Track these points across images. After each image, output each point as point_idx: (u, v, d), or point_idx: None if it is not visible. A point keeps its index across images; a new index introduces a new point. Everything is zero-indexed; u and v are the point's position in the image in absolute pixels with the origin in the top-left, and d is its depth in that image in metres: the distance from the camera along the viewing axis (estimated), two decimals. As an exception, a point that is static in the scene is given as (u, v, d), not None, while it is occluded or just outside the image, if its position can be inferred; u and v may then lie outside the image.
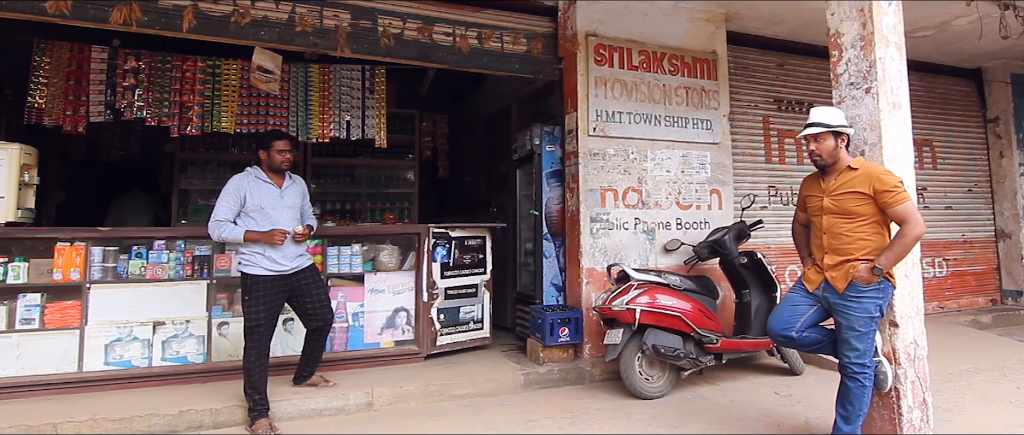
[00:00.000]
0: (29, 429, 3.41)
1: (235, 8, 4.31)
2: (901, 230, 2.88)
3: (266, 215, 3.62)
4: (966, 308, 7.24)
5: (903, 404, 3.04)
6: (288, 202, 3.74)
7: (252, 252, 3.58)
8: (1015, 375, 4.72)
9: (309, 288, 3.80)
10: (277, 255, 3.61)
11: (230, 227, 3.54)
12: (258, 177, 3.70)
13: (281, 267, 3.62)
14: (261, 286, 3.57)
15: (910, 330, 3.12)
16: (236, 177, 3.67)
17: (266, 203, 3.64)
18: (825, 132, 3.10)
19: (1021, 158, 7.60)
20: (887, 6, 3.30)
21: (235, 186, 3.61)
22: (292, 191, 3.82)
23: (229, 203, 3.57)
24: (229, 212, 3.57)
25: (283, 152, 3.70)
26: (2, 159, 3.97)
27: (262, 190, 3.66)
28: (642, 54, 5.30)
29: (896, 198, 2.87)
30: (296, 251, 3.74)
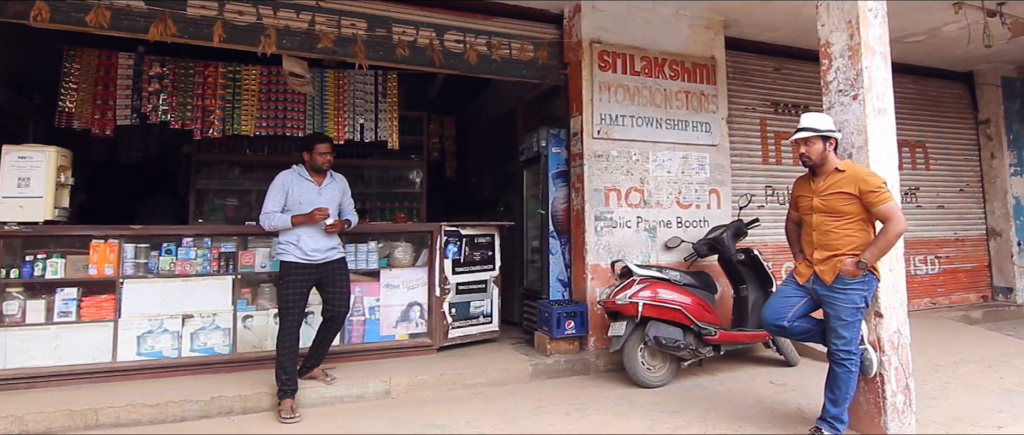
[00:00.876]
0: (72, 414, 3.65)
1: (259, 17, 4.55)
2: (884, 227, 3.11)
3: (305, 209, 3.95)
4: (958, 304, 7.47)
5: (887, 388, 3.28)
6: (325, 199, 4.06)
7: (288, 242, 3.92)
8: (999, 366, 4.95)
9: (334, 277, 4.07)
10: (310, 246, 3.93)
11: (278, 216, 3.90)
12: (301, 175, 4.05)
13: (311, 257, 3.93)
14: (292, 273, 3.89)
15: (894, 320, 3.36)
16: (281, 174, 4.03)
17: (305, 199, 3.97)
18: (814, 136, 3.34)
19: (1011, 159, 7.83)
20: (873, 18, 3.53)
21: (280, 182, 3.99)
22: (331, 188, 4.14)
23: (276, 197, 3.95)
24: (276, 205, 3.94)
25: (324, 154, 4.04)
26: (40, 161, 4.20)
27: (303, 187, 4.01)
28: (644, 60, 5.53)
29: (880, 198, 3.11)
30: (328, 243, 4.04)
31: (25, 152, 4.18)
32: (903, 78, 7.68)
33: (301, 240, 3.92)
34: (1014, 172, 7.82)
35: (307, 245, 3.92)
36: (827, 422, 3.21)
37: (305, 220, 3.90)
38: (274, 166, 7.09)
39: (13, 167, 4.13)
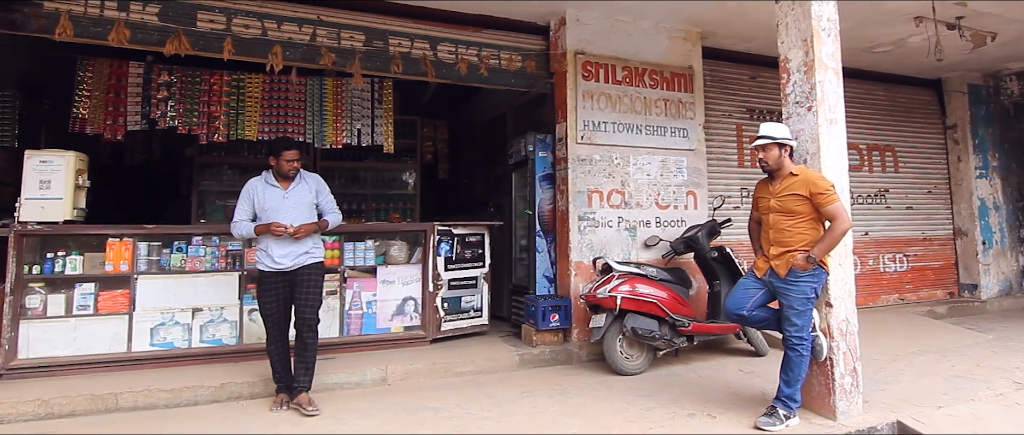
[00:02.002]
0: (93, 399, 3.97)
1: (264, 31, 4.88)
2: (831, 226, 3.48)
3: (269, 216, 3.93)
4: (925, 300, 7.88)
5: (836, 371, 3.65)
6: (292, 202, 3.99)
7: (260, 250, 3.97)
8: (954, 356, 5.33)
9: (302, 283, 3.97)
10: (278, 253, 3.90)
11: (245, 224, 3.96)
12: (267, 181, 4.04)
13: (280, 264, 3.90)
14: (265, 281, 3.93)
15: (843, 310, 3.72)
16: (249, 181, 4.07)
17: (269, 205, 3.96)
18: (771, 143, 3.70)
19: (977, 162, 8.25)
20: (826, 37, 3.90)
21: (247, 190, 4.03)
22: (299, 191, 4.06)
23: (243, 205, 4.00)
24: (244, 213, 3.99)
25: (291, 162, 3.99)
26: (60, 165, 4.52)
27: (268, 193, 4.00)
28: (625, 70, 5.89)
29: (827, 199, 3.47)
30: (299, 249, 3.96)
31: (46, 156, 4.50)
32: (874, 85, 8.10)
33: (269, 247, 3.91)
34: (979, 175, 8.23)
35: (275, 252, 3.90)
36: (782, 401, 3.57)
37: (264, 230, 3.87)
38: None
39: (35, 170, 4.45)
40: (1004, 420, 3.74)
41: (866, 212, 7.73)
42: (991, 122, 8.46)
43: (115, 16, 4.45)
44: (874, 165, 7.91)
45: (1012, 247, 8.37)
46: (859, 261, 7.51)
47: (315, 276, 4.04)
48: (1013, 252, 8.37)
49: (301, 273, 3.97)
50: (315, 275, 4.04)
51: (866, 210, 7.74)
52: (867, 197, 7.79)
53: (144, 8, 4.58)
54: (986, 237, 8.12)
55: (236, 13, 4.83)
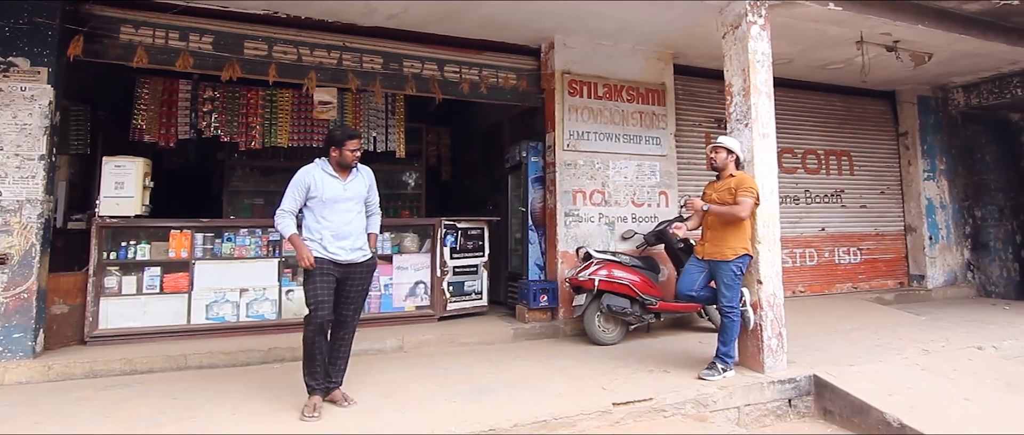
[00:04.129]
0: (167, 358, 4.89)
1: (299, 57, 5.81)
2: (734, 207, 4.41)
3: (328, 206, 3.75)
4: (876, 289, 8.82)
5: (764, 335, 4.59)
6: (350, 194, 3.84)
7: (311, 238, 3.74)
8: (883, 332, 6.26)
9: (352, 280, 3.84)
10: (334, 244, 3.73)
11: (288, 222, 3.75)
12: (324, 170, 3.82)
13: (335, 255, 3.73)
14: (317, 268, 3.69)
15: (771, 286, 4.66)
16: (303, 169, 3.81)
17: (329, 195, 3.75)
18: (722, 148, 4.65)
19: (925, 166, 9.19)
20: (760, 67, 4.84)
21: (301, 178, 3.76)
22: (357, 183, 3.91)
23: (294, 194, 3.75)
24: (293, 203, 3.76)
25: (354, 151, 3.82)
26: (131, 169, 5.44)
27: (326, 182, 3.78)
28: (606, 87, 6.82)
29: (743, 193, 4.42)
30: (355, 242, 3.83)
31: (120, 162, 5.43)
32: (833, 97, 9.05)
33: (323, 236, 3.73)
34: (927, 177, 9.18)
35: (330, 242, 3.73)
36: (720, 358, 4.51)
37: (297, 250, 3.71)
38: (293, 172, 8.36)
39: (111, 174, 5.37)
40: (900, 374, 4.69)
41: (823, 210, 8.69)
42: (940, 130, 9.41)
43: (179, 46, 5.39)
44: (831, 168, 8.86)
45: (958, 242, 9.32)
46: (816, 253, 8.48)
47: (366, 275, 3.93)
48: (958, 247, 9.32)
49: (354, 270, 3.84)
50: (366, 274, 3.93)
51: (823, 208, 8.69)
52: (824, 197, 8.74)
53: (201, 38, 5.51)
54: (933, 233, 9.07)
55: (276, 42, 5.76)
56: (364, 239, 3.94)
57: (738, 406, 4.26)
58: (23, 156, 4.67)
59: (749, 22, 4.86)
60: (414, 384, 4.43)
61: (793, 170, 8.58)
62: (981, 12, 6.08)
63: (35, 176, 4.70)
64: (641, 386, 4.30)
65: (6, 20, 4.66)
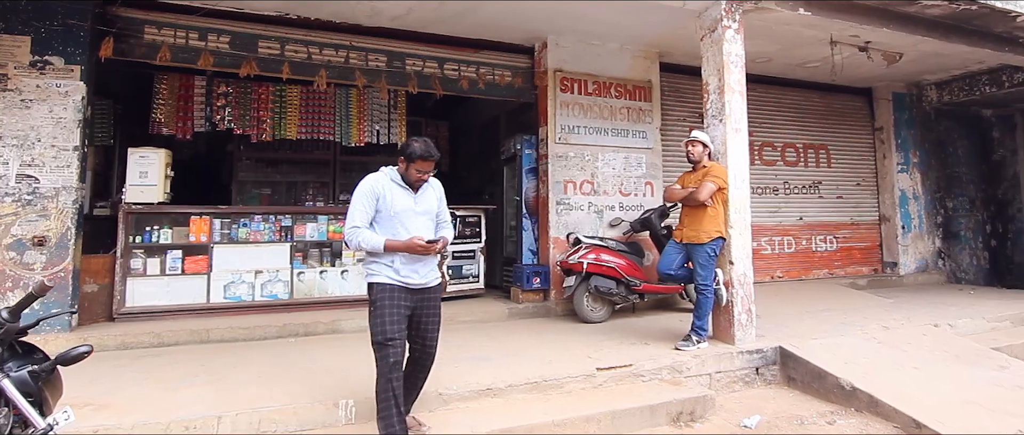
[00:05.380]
0: (191, 332, 5.34)
1: (309, 56, 6.25)
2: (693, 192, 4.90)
3: (400, 221, 3.29)
4: (851, 275, 9.33)
5: (735, 310, 5.07)
6: (422, 208, 3.40)
7: (379, 263, 3.26)
8: (851, 313, 6.75)
9: (428, 305, 3.40)
10: (406, 268, 3.27)
11: (368, 235, 3.21)
12: (393, 180, 3.36)
13: (408, 280, 3.27)
14: (386, 294, 3.22)
15: (742, 266, 5.14)
16: (370, 178, 3.35)
17: (400, 209, 3.29)
18: (696, 141, 5.12)
19: (899, 159, 9.69)
20: (734, 67, 5.30)
21: (369, 188, 3.29)
22: (428, 198, 3.46)
23: (364, 206, 3.27)
24: (364, 217, 3.26)
25: (422, 174, 3.33)
26: (154, 159, 5.87)
27: (397, 194, 3.31)
28: (595, 83, 7.28)
29: (709, 180, 4.92)
30: (428, 266, 3.39)
31: (144, 153, 5.85)
32: (812, 93, 9.52)
33: (395, 261, 3.25)
34: (900, 169, 9.69)
35: (402, 266, 3.26)
36: (695, 330, 4.99)
37: (401, 247, 3.20)
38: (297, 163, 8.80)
39: (136, 164, 5.80)
40: (858, 346, 5.19)
41: (801, 200, 9.18)
42: (914, 125, 9.91)
43: (199, 45, 5.81)
44: (809, 161, 9.34)
45: (929, 231, 9.84)
46: (794, 241, 8.97)
47: (439, 299, 3.51)
48: (930, 235, 9.84)
49: (428, 295, 3.40)
50: (439, 297, 3.52)
51: (801, 199, 9.19)
52: (802, 188, 9.23)
53: (218, 38, 5.94)
54: (905, 222, 9.58)
55: (288, 41, 6.19)
56: (435, 261, 3.46)
57: (710, 373, 4.75)
58: (59, 147, 5.09)
59: (724, 26, 5.33)
60: (418, 354, 4.90)
61: (773, 163, 9.06)
62: (942, 16, 6.54)
63: (70, 166, 5.13)
64: (623, 355, 4.78)
65: (42, 22, 5.08)
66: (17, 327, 1.91)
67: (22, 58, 4.99)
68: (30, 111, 5.00)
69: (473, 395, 3.92)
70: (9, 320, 1.85)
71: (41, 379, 1.90)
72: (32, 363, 1.92)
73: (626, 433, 3.87)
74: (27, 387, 1.84)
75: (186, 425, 3.28)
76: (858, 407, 4.31)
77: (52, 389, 2.00)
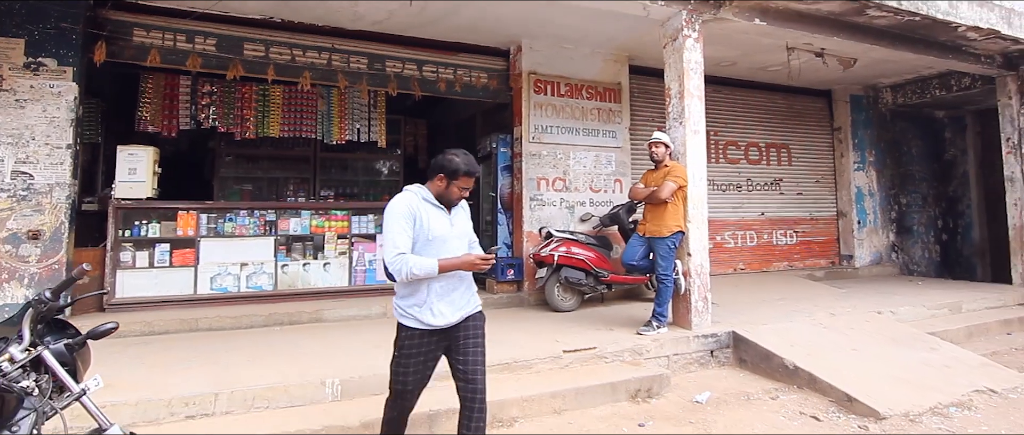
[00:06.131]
0: (181, 321, 5.61)
1: (293, 58, 6.52)
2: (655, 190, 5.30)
3: (436, 248, 2.87)
4: (810, 267, 9.85)
5: (692, 298, 5.49)
6: (459, 230, 3.04)
7: (412, 301, 2.89)
8: (804, 301, 7.23)
9: (468, 336, 2.99)
10: (442, 301, 2.89)
11: (418, 260, 2.78)
12: (426, 199, 2.97)
13: (441, 320, 2.88)
14: (415, 342, 2.90)
15: (698, 258, 5.56)
16: (401, 198, 2.95)
17: (437, 233, 2.90)
18: (659, 142, 5.52)
19: (855, 158, 10.23)
20: (693, 74, 5.70)
21: (404, 208, 2.89)
22: (462, 217, 3.11)
23: (404, 229, 2.84)
24: (408, 240, 2.83)
25: (463, 190, 3.00)
26: (142, 156, 6.11)
27: (432, 215, 2.93)
28: (567, 86, 7.65)
29: (669, 179, 5.32)
30: (465, 295, 3.02)
31: (133, 150, 6.09)
32: (775, 95, 10.01)
33: (430, 295, 2.87)
34: (857, 167, 10.23)
35: (438, 304, 2.88)
36: (655, 316, 5.40)
37: (460, 265, 2.86)
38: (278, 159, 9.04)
39: (125, 161, 6.03)
40: (804, 331, 5.65)
41: (763, 196, 9.67)
42: (870, 125, 10.46)
43: (186, 47, 6.06)
44: (771, 159, 9.83)
45: (884, 226, 10.41)
46: (756, 235, 9.46)
47: (482, 326, 3.09)
48: (884, 230, 10.41)
49: (465, 326, 2.99)
50: (481, 324, 3.09)
51: (763, 195, 9.67)
52: (765, 185, 9.72)
53: (205, 41, 6.19)
54: (861, 218, 10.13)
55: (273, 43, 6.46)
56: (474, 288, 3.11)
57: (668, 355, 5.16)
58: (53, 145, 5.32)
59: (684, 35, 5.73)
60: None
61: (737, 161, 9.53)
62: (889, 26, 7.02)
63: (63, 163, 5.36)
64: (588, 339, 5.17)
65: (36, 25, 5.29)
66: (57, 306, 2.21)
67: (17, 60, 5.20)
68: (25, 111, 5.23)
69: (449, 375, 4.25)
70: (51, 300, 2.15)
71: (75, 351, 2.20)
72: (66, 337, 2.22)
73: (589, 407, 4.26)
74: (63, 357, 2.14)
75: (186, 401, 3.59)
76: (799, 384, 4.75)
77: (83, 360, 2.30)
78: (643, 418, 4.12)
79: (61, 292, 2.22)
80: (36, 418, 1.97)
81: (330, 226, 6.87)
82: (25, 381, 2.02)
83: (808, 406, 4.39)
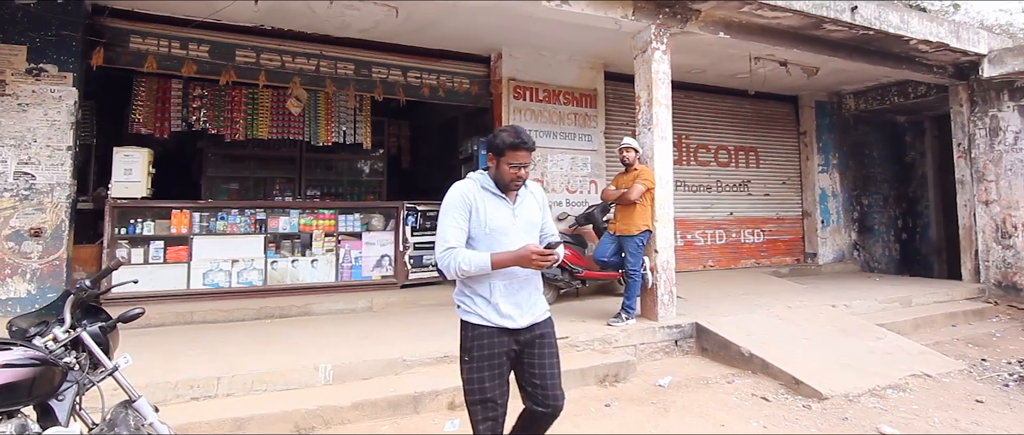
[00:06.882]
0: (176, 314, 5.90)
1: (282, 64, 6.83)
2: (625, 192, 5.71)
3: (496, 241, 2.61)
4: (776, 264, 10.36)
5: (659, 291, 5.91)
6: (524, 221, 2.72)
7: (473, 294, 2.64)
8: (767, 296, 7.69)
9: (541, 346, 2.70)
10: (508, 302, 2.62)
11: (468, 254, 2.52)
12: (485, 187, 2.69)
13: (508, 319, 2.60)
14: (483, 341, 2.59)
15: (665, 254, 5.97)
16: (457, 187, 2.69)
17: (497, 223, 2.64)
18: (629, 147, 5.92)
19: (820, 161, 10.76)
20: (661, 83, 6.11)
21: (458, 198, 2.64)
22: (528, 205, 2.78)
23: (456, 221, 2.61)
24: (459, 234, 2.60)
25: (516, 168, 2.62)
26: (138, 157, 6.38)
27: (491, 204, 2.66)
28: (545, 91, 8.04)
29: (638, 181, 5.72)
30: (533, 296, 2.73)
31: (128, 151, 6.35)
32: (744, 100, 10.46)
33: (494, 293, 2.60)
34: (821, 170, 10.75)
35: (502, 300, 2.61)
36: (625, 309, 5.80)
37: (513, 260, 2.52)
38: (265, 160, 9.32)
39: (121, 162, 6.30)
40: (762, 322, 6.10)
41: (732, 197, 10.15)
42: (834, 130, 10.99)
43: (181, 54, 6.35)
44: (740, 162, 10.32)
45: (846, 226, 10.95)
46: (725, 234, 9.94)
47: (553, 333, 2.79)
48: (847, 229, 10.96)
49: (538, 332, 2.71)
50: (552, 331, 2.80)
51: (732, 196, 10.15)
52: (733, 186, 10.20)
53: (198, 47, 6.48)
54: (825, 218, 10.66)
55: (263, 50, 6.77)
56: (541, 289, 2.85)
57: (635, 344, 5.57)
58: (53, 147, 5.58)
59: (653, 48, 6.14)
60: (383, 331, 5.59)
61: (707, 163, 10.00)
62: (846, 39, 7.50)
63: (63, 164, 5.62)
64: (562, 330, 5.47)
65: (37, 33, 5.55)
66: (95, 293, 2.54)
67: (19, 65, 5.46)
68: (27, 114, 5.48)
69: (433, 361, 4.64)
70: (91, 288, 2.48)
71: (107, 332, 2.53)
72: (99, 321, 2.55)
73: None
74: (98, 338, 2.46)
75: (191, 384, 3.91)
76: (754, 370, 5.19)
77: (114, 340, 2.63)
78: (610, 400, 4.53)
79: (99, 281, 2.54)
80: (78, 389, 2.31)
81: (318, 225, 7.19)
82: (67, 358, 2.35)
83: (760, 389, 4.83)
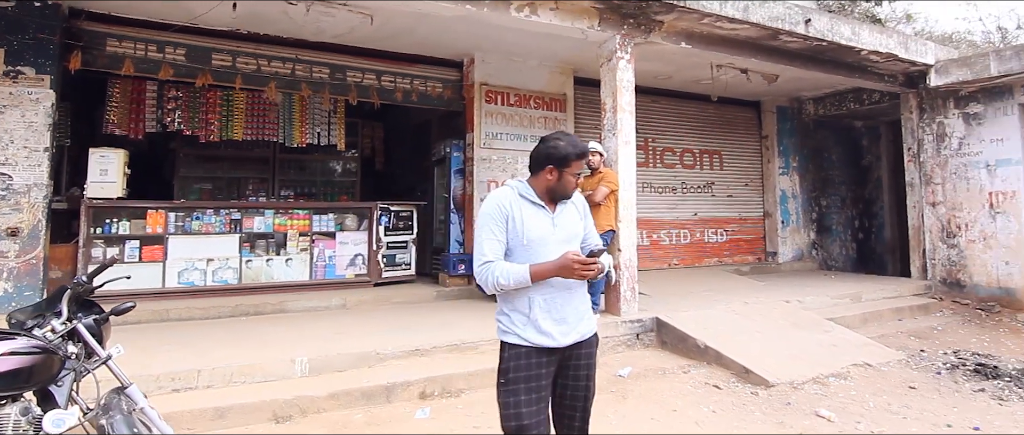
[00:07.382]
0: (153, 312, 6.03)
1: (259, 68, 6.98)
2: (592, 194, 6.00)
3: (535, 253, 2.48)
4: (738, 263, 10.77)
5: (622, 288, 6.21)
6: (565, 233, 2.58)
7: (513, 310, 2.50)
8: (727, 292, 8.06)
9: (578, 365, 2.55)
10: (549, 318, 2.46)
11: (506, 268, 2.40)
12: (524, 196, 2.56)
13: (549, 338, 2.44)
14: (521, 362, 2.44)
15: (628, 253, 6.28)
16: (493, 196, 2.57)
17: (535, 234, 2.50)
18: (595, 151, 6.21)
19: (780, 163, 11.21)
20: (625, 91, 6.42)
21: (495, 208, 2.51)
22: (568, 216, 2.64)
23: (494, 233, 2.48)
24: (498, 247, 2.48)
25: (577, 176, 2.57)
26: (113, 158, 6.48)
27: (529, 214, 2.52)
28: (516, 96, 8.30)
29: (603, 184, 6.01)
30: (579, 310, 2.57)
31: (104, 152, 6.45)
32: (708, 105, 10.86)
33: (533, 309, 2.45)
34: (782, 172, 11.21)
35: (542, 315, 2.45)
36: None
37: (554, 271, 2.39)
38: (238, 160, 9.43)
39: (97, 162, 6.39)
40: (718, 316, 6.44)
41: (696, 198, 10.54)
42: (794, 134, 11.46)
43: (157, 57, 6.47)
44: (705, 164, 10.71)
45: (805, 226, 11.43)
46: (689, 234, 10.32)
47: (594, 353, 2.65)
48: (806, 229, 11.43)
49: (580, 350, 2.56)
50: (594, 351, 2.65)
51: (696, 197, 10.54)
52: (698, 187, 10.59)
53: (176, 51, 6.60)
54: (785, 218, 11.11)
55: (239, 54, 6.91)
56: (588, 303, 2.67)
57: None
58: (31, 148, 5.67)
59: (618, 57, 6.44)
60: (357, 326, 5.80)
61: (673, 165, 10.37)
62: (801, 49, 7.91)
63: (40, 165, 5.72)
64: (529, 326, 5.82)
65: (15, 36, 5.63)
66: (91, 288, 2.73)
67: (-4, 68, 5.55)
68: (4, 116, 5.56)
69: (405, 354, 4.86)
70: (87, 283, 2.67)
71: (101, 324, 2.72)
72: (93, 314, 2.74)
73: (526, 383, 4.91)
74: (92, 330, 2.65)
75: (172, 376, 4.08)
76: (709, 361, 5.52)
77: (107, 332, 2.81)
78: (572, 390, 4.80)
79: (95, 276, 2.73)
80: (74, 376, 2.50)
81: (292, 224, 7.35)
82: (65, 347, 2.54)
83: (713, 378, 5.15)
